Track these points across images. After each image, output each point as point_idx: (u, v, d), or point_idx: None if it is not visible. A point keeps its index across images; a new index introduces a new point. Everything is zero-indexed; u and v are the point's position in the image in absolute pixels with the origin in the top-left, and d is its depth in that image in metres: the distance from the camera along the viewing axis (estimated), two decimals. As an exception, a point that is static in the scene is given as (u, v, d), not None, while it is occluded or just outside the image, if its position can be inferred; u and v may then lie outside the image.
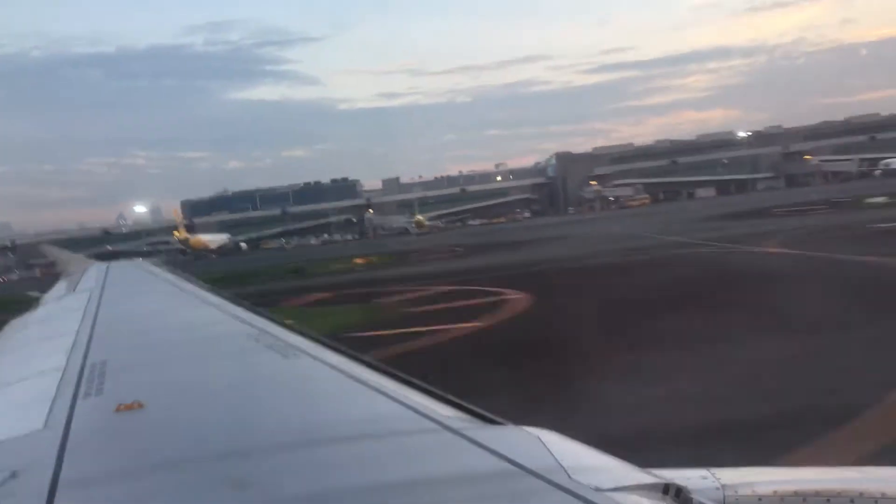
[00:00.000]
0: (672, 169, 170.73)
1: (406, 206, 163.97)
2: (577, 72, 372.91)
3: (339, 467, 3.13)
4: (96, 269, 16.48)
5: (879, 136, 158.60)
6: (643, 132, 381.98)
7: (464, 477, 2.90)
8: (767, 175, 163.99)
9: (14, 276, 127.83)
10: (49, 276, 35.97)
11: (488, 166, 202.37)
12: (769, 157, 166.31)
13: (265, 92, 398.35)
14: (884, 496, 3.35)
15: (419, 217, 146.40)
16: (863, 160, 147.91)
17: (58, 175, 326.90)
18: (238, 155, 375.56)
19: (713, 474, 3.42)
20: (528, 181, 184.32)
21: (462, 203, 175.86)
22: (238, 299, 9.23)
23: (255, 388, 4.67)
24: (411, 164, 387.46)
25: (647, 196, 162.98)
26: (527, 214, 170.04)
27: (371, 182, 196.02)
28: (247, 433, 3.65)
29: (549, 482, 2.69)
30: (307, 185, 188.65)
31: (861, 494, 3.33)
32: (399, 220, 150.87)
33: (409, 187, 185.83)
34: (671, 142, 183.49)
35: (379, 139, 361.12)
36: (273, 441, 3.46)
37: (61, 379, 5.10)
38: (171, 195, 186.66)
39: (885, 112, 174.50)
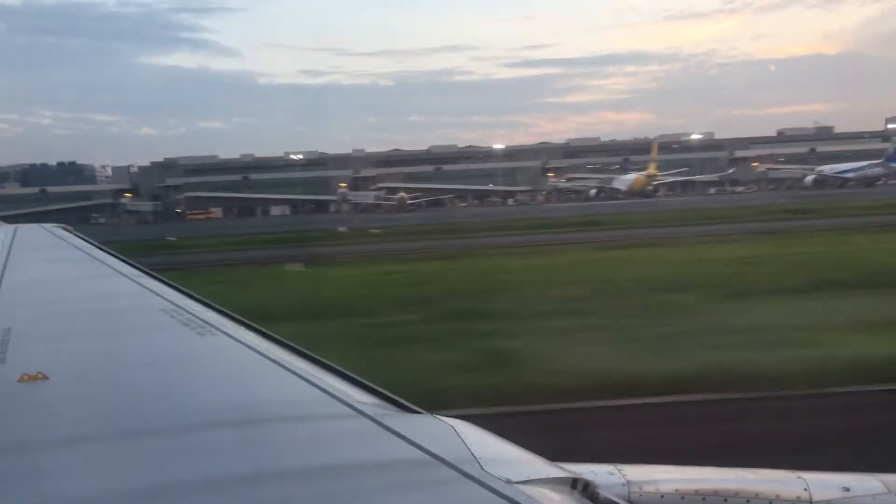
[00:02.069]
0: (246, 184, 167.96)
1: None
2: (499, 64, 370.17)
3: (249, 450, 3.02)
4: (2, 232, 15.22)
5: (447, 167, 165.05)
6: (562, 129, 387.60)
7: (377, 464, 2.84)
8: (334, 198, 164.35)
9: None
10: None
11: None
12: (342, 179, 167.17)
13: (181, 59, 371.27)
14: (778, 498, 3.52)
15: None
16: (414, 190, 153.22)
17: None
18: (152, 122, 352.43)
19: (619, 470, 3.53)
20: (112, 186, 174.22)
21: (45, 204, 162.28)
22: (152, 271, 8.46)
23: (166, 366, 4.50)
24: (331, 143, 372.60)
25: (214, 210, 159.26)
26: (101, 220, 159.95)
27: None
28: (153, 412, 3.52)
29: (462, 473, 2.68)
30: (32, 166, 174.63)
31: (757, 495, 3.51)
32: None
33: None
34: (254, 157, 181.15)
35: (299, 116, 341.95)
36: (179, 421, 3.33)
37: None
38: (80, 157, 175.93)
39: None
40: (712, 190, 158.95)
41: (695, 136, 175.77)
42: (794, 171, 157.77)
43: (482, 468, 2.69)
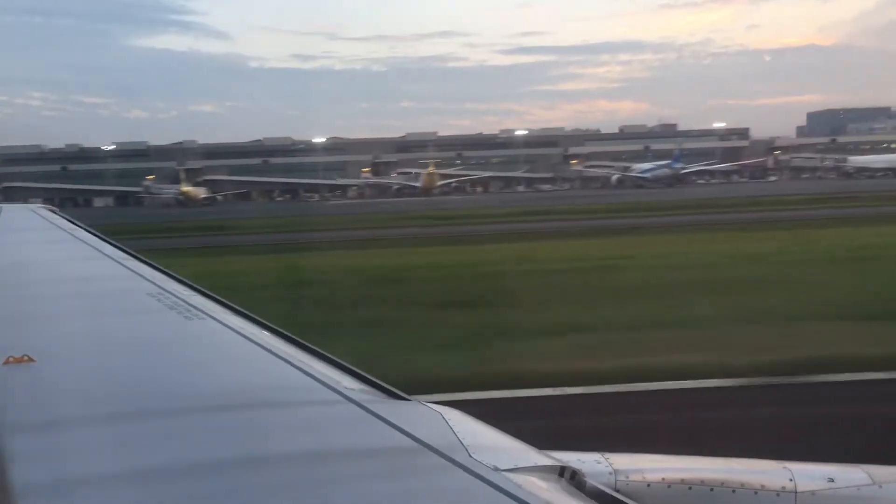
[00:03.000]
0: (66, 174, 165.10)
1: None
2: (493, 51, 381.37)
3: (237, 435, 2.99)
4: None
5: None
6: (556, 117, 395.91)
7: (364, 450, 2.84)
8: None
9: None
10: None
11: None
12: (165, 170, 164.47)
13: (170, 41, 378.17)
14: (763, 488, 3.57)
15: None
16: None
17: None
18: (141, 104, 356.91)
19: (607, 459, 3.58)
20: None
21: None
22: (139, 254, 8.29)
23: (152, 349, 4.44)
24: (324, 128, 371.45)
25: (33, 201, 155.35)
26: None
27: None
28: (139, 396, 3.47)
29: (450, 460, 2.67)
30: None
31: (742, 485, 3.54)
32: None
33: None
34: (80, 147, 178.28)
35: (291, 100, 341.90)
36: (165, 405, 3.30)
37: None
38: (67, 139, 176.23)
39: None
40: (520, 187, 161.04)
41: (519, 133, 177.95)
42: (604, 170, 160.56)
43: (469, 455, 2.69)
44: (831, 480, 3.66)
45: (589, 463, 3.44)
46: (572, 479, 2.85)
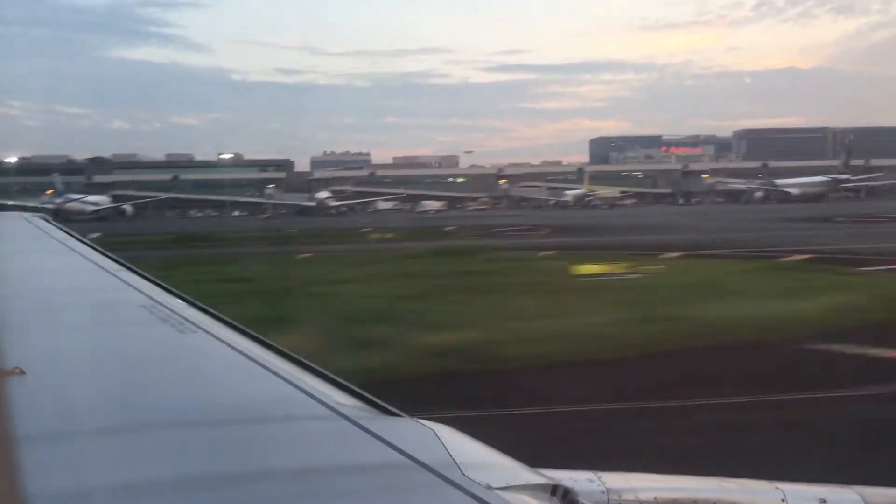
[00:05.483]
0: None
1: None
2: (475, 68, 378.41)
3: (227, 450, 3.03)
4: None
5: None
6: (539, 134, 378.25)
7: (355, 467, 2.82)
8: None
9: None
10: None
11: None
12: None
13: (151, 53, 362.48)
14: None
15: None
16: None
17: None
18: (123, 115, 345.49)
19: (599, 478, 3.54)
20: None
21: None
22: (133, 266, 8.14)
23: (145, 363, 4.52)
24: (309, 143, 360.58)
25: None
26: None
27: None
28: (129, 410, 3.53)
29: (442, 477, 2.65)
30: None
31: None
32: None
33: None
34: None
35: (275, 114, 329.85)
36: (158, 419, 3.35)
37: None
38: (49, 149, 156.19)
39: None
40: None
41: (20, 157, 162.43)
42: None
43: (462, 473, 2.68)
44: (823, 501, 3.63)
45: (581, 482, 3.41)
46: (564, 497, 2.87)
